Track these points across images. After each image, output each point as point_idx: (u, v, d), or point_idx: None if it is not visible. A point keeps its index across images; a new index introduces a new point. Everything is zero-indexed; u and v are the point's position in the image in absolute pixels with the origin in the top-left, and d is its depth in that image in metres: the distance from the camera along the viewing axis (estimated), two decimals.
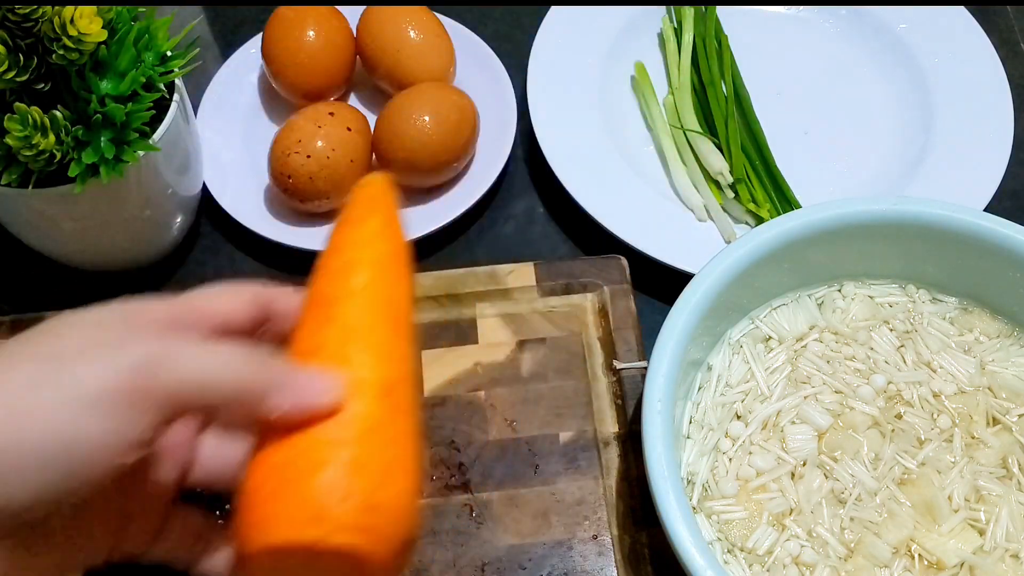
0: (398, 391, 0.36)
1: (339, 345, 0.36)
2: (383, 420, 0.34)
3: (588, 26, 0.69)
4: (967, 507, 0.46)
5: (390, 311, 0.38)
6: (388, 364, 0.36)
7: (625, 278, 0.57)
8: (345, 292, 0.37)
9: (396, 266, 0.40)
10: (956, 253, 0.50)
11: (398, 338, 0.37)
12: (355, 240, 0.40)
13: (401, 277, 0.40)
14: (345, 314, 0.36)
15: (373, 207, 0.42)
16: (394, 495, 0.33)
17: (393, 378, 0.36)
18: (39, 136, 0.47)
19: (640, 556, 0.49)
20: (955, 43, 0.68)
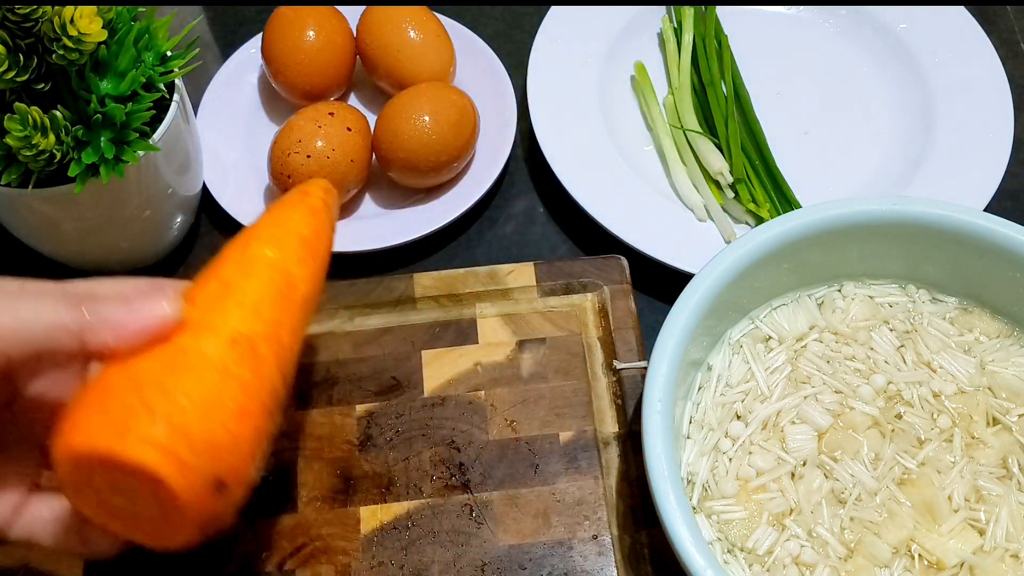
0: (255, 346, 0.37)
1: (212, 296, 0.38)
2: (223, 363, 0.35)
3: (588, 26, 0.69)
4: (967, 507, 0.46)
5: (279, 283, 0.40)
6: (251, 320, 0.37)
7: (625, 278, 0.57)
8: (238, 256, 0.40)
9: (304, 253, 0.42)
10: (956, 253, 0.50)
11: (278, 307, 0.39)
12: (271, 221, 0.43)
13: (306, 264, 0.42)
14: (229, 273, 0.39)
15: (305, 203, 0.44)
16: (211, 430, 0.34)
17: (252, 333, 0.37)
18: (39, 136, 0.47)
19: (640, 556, 0.49)
20: (955, 43, 0.68)
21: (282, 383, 0.39)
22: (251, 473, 0.37)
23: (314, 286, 0.42)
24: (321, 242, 0.44)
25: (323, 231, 0.45)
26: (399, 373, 0.54)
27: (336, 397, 0.53)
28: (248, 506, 0.50)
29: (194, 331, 0.36)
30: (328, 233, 0.45)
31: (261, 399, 0.37)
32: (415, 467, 0.51)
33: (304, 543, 0.49)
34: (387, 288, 0.56)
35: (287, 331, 0.39)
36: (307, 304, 0.42)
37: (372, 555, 0.49)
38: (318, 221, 0.44)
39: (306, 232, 0.43)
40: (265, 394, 0.37)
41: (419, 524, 0.49)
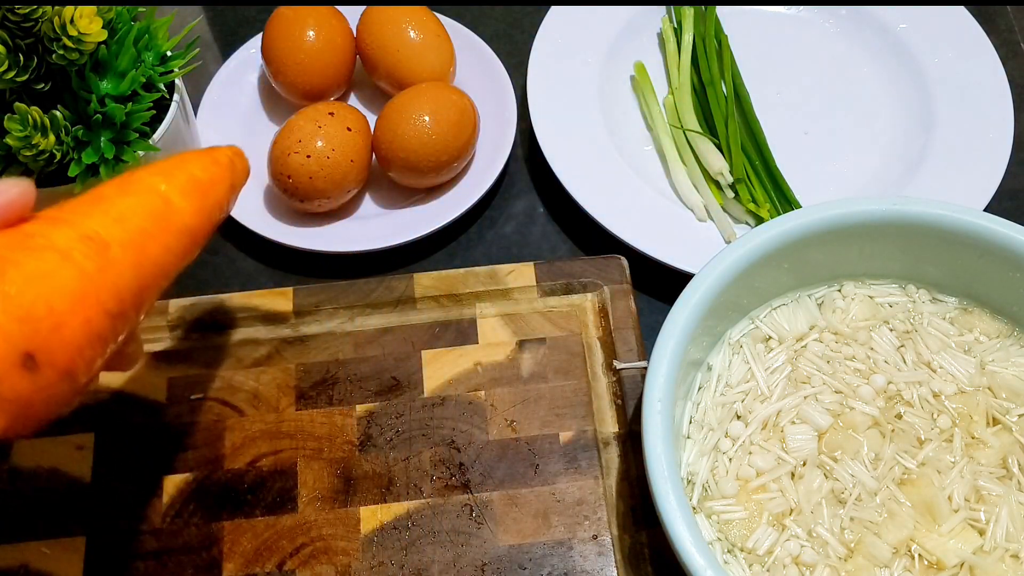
0: (108, 247, 0.37)
1: (82, 202, 0.38)
2: (66, 249, 0.35)
3: (588, 26, 0.69)
4: (967, 507, 0.46)
5: (154, 204, 0.40)
6: (111, 225, 0.38)
7: (625, 278, 0.57)
8: (121, 178, 0.40)
9: (191, 188, 0.42)
10: (956, 253, 0.50)
11: (146, 223, 0.39)
12: (167, 159, 0.43)
13: (190, 198, 0.42)
14: (107, 189, 0.39)
15: (208, 154, 0.45)
16: (31, 300, 0.33)
17: (108, 236, 0.37)
18: (39, 136, 0.47)
19: (640, 556, 0.49)
20: (955, 43, 0.68)
21: (133, 293, 0.38)
22: (74, 367, 0.35)
23: (199, 223, 0.42)
24: (215, 188, 0.44)
25: (219, 180, 0.44)
26: (399, 373, 0.54)
27: (336, 397, 0.53)
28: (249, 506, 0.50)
29: (50, 222, 0.36)
30: (224, 185, 0.44)
31: (100, 295, 0.36)
32: (415, 467, 0.51)
33: (304, 543, 0.49)
34: (387, 288, 0.56)
35: (157, 247, 0.39)
36: (187, 234, 0.41)
37: (372, 555, 0.49)
38: (217, 169, 0.44)
39: (200, 174, 0.43)
40: (106, 292, 0.36)
41: (419, 524, 0.49)
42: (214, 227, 0.44)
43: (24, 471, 0.51)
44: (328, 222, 0.61)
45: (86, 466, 0.51)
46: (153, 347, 0.55)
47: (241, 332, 0.55)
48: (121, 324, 0.38)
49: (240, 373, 0.54)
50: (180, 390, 0.53)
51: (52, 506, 0.50)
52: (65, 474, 0.51)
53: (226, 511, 0.50)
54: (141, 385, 0.53)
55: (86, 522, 0.49)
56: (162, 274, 0.40)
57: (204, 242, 0.43)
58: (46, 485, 0.50)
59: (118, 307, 0.37)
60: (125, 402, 0.53)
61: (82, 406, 0.52)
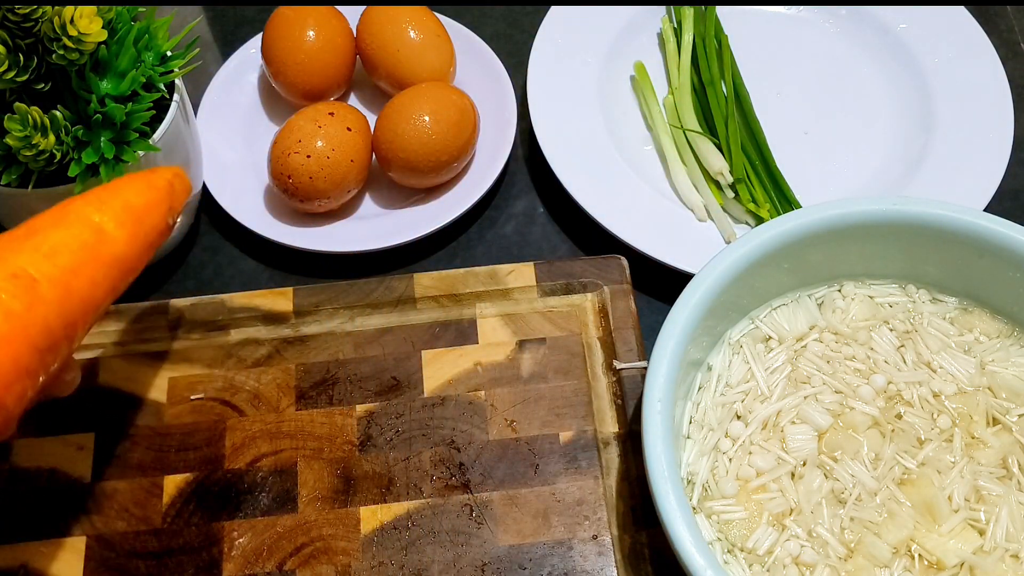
0: (36, 285, 0.38)
1: (13, 237, 0.39)
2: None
3: (588, 26, 0.69)
4: (967, 507, 0.46)
5: (86, 236, 0.40)
6: (40, 261, 0.38)
7: (625, 278, 0.57)
8: (55, 210, 0.41)
9: (126, 217, 0.42)
10: (956, 253, 0.50)
11: (77, 257, 0.40)
12: (102, 187, 0.44)
13: (125, 227, 0.42)
14: (40, 222, 0.40)
15: (144, 178, 0.45)
16: None
17: (38, 273, 0.38)
18: (39, 136, 0.47)
19: (640, 556, 0.49)
20: (955, 43, 0.68)
21: (63, 326, 0.39)
22: (3, 400, 0.36)
23: (133, 250, 0.43)
24: (151, 213, 0.44)
25: (155, 204, 0.45)
26: (399, 373, 0.54)
27: (336, 397, 0.53)
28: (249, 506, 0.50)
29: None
30: (161, 208, 0.45)
31: (28, 333, 0.37)
32: (415, 467, 0.51)
33: (304, 543, 0.49)
34: (387, 288, 0.56)
35: (85, 281, 0.40)
36: (121, 263, 0.42)
37: (372, 555, 0.49)
38: (153, 194, 0.45)
39: (135, 200, 0.43)
40: (35, 330, 0.37)
41: (419, 524, 0.49)
42: (153, 250, 0.45)
43: (24, 471, 0.51)
44: (328, 222, 0.61)
45: (86, 466, 0.51)
46: (153, 347, 0.55)
47: (241, 332, 0.55)
48: (51, 357, 0.39)
49: (240, 373, 0.54)
50: (180, 390, 0.53)
51: (52, 506, 0.50)
52: (65, 474, 0.51)
53: (226, 511, 0.50)
54: (141, 385, 0.53)
55: (86, 522, 0.49)
56: (93, 304, 0.41)
57: (141, 267, 0.44)
58: (46, 485, 0.50)
59: (47, 342, 0.38)
60: (125, 402, 0.53)
61: (82, 407, 0.52)
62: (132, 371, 0.54)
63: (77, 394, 0.52)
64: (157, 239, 0.45)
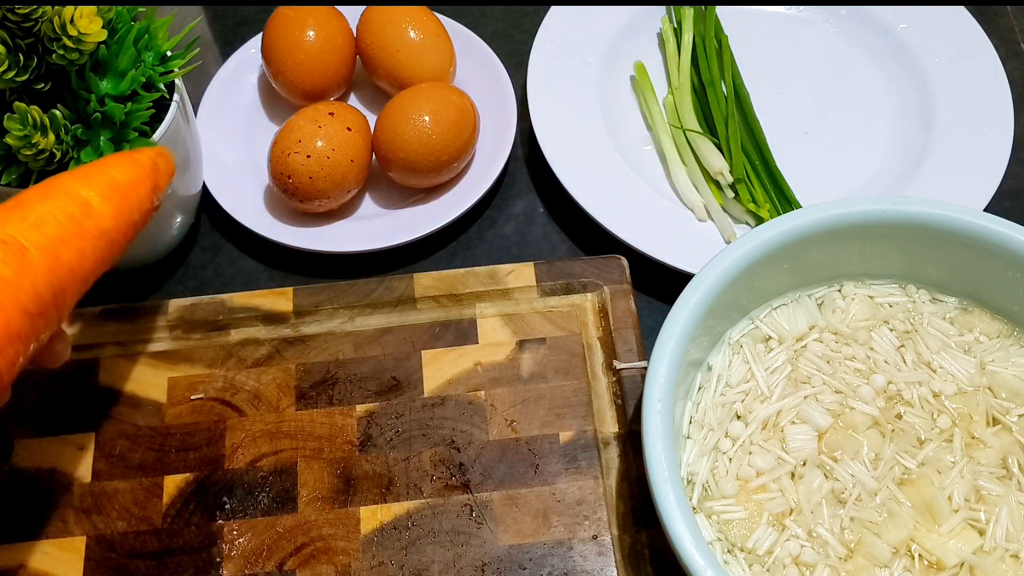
0: (25, 251, 0.39)
1: (2, 208, 0.40)
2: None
3: (588, 26, 0.69)
4: (967, 507, 0.46)
5: (72, 208, 0.41)
6: (28, 230, 0.39)
7: (625, 278, 0.57)
8: (43, 184, 0.42)
9: (111, 191, 0.43)
10: (956, 253, 0.50)
11: (65, 227, 0.41)
12: (89, 164, 0.45)
13: (110, 200, 0.43)
14: (28, 195, 0.41)
15: (129, 156, 0.46)
16: None
17: (25, 240, 0.39)
18: (39, 136, 0.47)
19: (640, 556, 0.49)
20: (955, 43, 0.68)
21: (52, 293, 0.40)
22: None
23: (119, 225, 0.44)
24: (136, 189, 0.45)
25: (140, 181, 0.45)
26: (399, 373, 0.54)
27: (336, 397, 0.53)
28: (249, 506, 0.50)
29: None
30: (146, 185, 0.46)
31: (19, 298, 0.38)
32: (415, 467, 0.51)
33: (304, 543, 0.49)
34: (387, 288, 0.56)
35: (72, 251, 0.41)
36: (107, 237, 0.43)
37: (372, 555, 0.49)
38: (138, 171, 0.45)
39: (120, 177, 0.44)
40: (24, 294, 0.38)
41: (419, 524, 0.49)
42: (137, 227, 0.45)
43: (24, 471, 0.51)
44: (328, 222, 0.61)
45: (86, 466, 0.51)
46: (153, 347, 0.55)
47: (242, 332, 0.55)
48: (42, 323, 0.39)
49: (241, 373, 0.54)
50: (180, 390, 0.53)
51: (52, 506, 0.50)
52: (65, 474, 0.51)
53: (226, 511, 0.50)
54: (141, 385, 0.53)
55: (86, 522, 0.49)
56: (82, 275, 0.42)
57: (126, 243, 0.45)
58: (46, 485, 0.50)
59: (38, 307, 0.39)
60: (125, 402, 0.53)
61: (82, 407, 0.52)
62: (132, 371, 0.54)
63: (77, 394, 0.53)
64: (142, 216, 0.46)
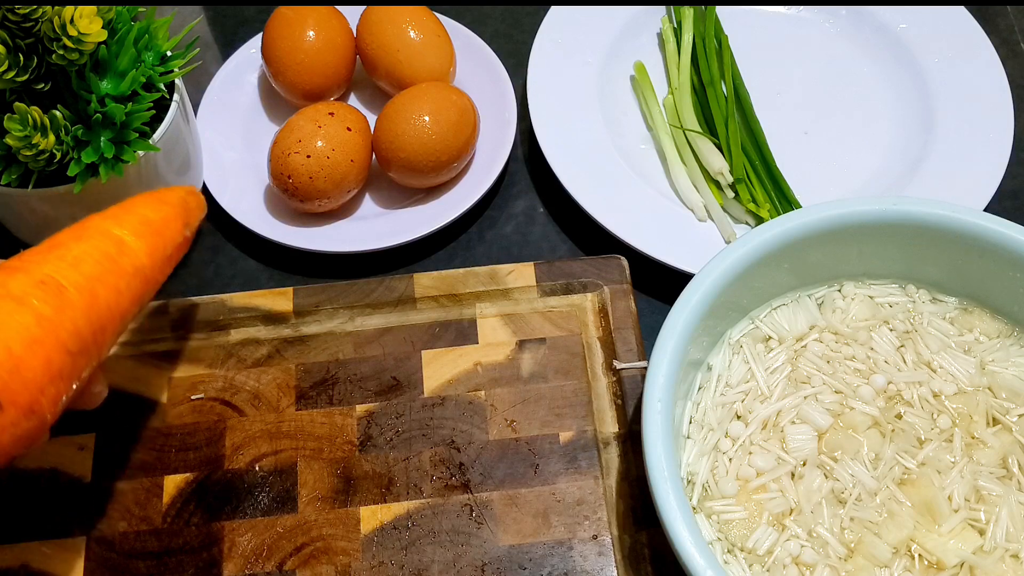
0: (63, 290, 0.39)
1: (39, 251, 0.41)
2: (23, 295, 0.38)
3: (588, 26, 0.69)
4: (967, 507, 0.46)
5: (107, 247, 0.42)
6: (66, 269, 0.40)
7: (625, 278, 0.57)
8: (76, 226, 0.43)
9: (144, 229, 0.44)
10: (956, 253, 0.50)
11: (100, 266, 0.41)
12: (118, 205, 0.45)
13: (144, 238, 0.44)
14: (62, 236, 0.42)
15: (157, 196, 0.46)
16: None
17: (63, 279, 0.39)
18: (39, 136, 0.47)
19: (640, 556, 0.49)
20: (955, 43, 0.68)
21: (92, 331, 0.40)
22: (37, 404, 0.37)
23: (154, 262, 0.44)
24: (168, 227, 0.46)
25: (171, 219, 0.46)
26: (399, 373, 0.54)
27: (336, 397, 0.53)
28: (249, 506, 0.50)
29: (6, 271, 0.39)
30: (177, 223, 0.46)
31: (59, 335, 0.38)
32: (415, 467, 0.51)
33: (304, 543, 0.49)
34: (387, 288, 0.56)
35: (109, 289, 0.41)
36: (142, 274, 0.43)
37: (372, 555, 0.49)
38: (168, 209, 0.46)
39: (151, 215, 0.45)
40: (65, 332, 0.38)
41: (419, 524, 0.49)
42: (171, 263, 0.46)
43: (24, 471, 0.51)
44: (328, 222, 0.61)
45: (86, 466, 0.51)
46: (154, 347, 0.55)
47: (242, 332, 0.55)
48: (83, 361, 0.40)
49: (241, 373, 0.54)
50: (180, 390, 0.53)
51: (52, 506, 0.50)
52: (65, 474, 0.51)
53: (226, 511, 0.50)
54: (142, 385, 0.53)
55: (86, 522, 0.49)
56: (119, 312, 0.42)
57: (162, 279, 0.45)
58: (46, 485, 0.51)
59: (78, 345, 0.39)
60: (125, 402, 0.53)
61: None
62: (133, 371, 0.54)
63: None
64: (176, 252, 0.46)
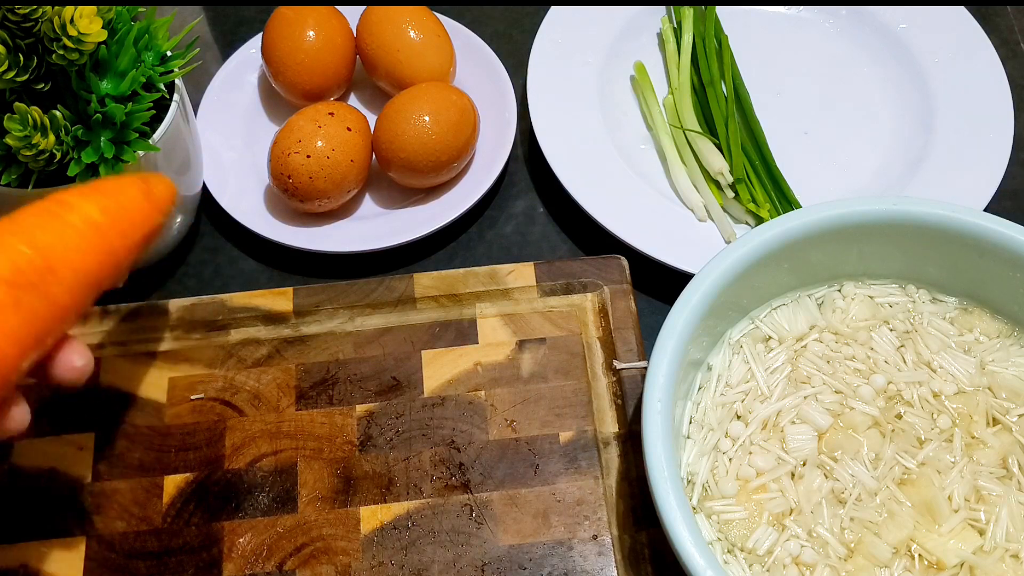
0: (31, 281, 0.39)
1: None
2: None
3: (588, 26, 0.69)
4: (967, 507, 0.46)
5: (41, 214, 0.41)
6: (29, 253, 0.39)
7: (625, 278, 0.57)
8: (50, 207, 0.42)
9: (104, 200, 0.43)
10: (956, 253, 0.50)
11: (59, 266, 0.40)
12: (91, 188, 0.44)
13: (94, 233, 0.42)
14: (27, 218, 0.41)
15: (135, 188, 0.45)
16: None
17: (26, 265, 0.39)
18: (39, 136, 0.47)
19: (640, 556, 0.49)
20: (955, 43, 0.68)
21: (38, 274, 0.39)
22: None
23: (110, 220, 0.43)
24: (123, 192, 0.44)
25: (127, 185, 0.45)
26: (399, 373, 0.54)
27: (336, 397, 0.53)
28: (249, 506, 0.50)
29: None
30: (133, 189, 0.45)
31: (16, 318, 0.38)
32: (415, 467, 0.51)
33: (304, 543, 0.49)
34: (387, 288, 0.56)
35: (51, 235, 0.40)
36: (96, 229, 0.42)
37: (372, 555, 0.49)
38: (123, 179, 0.45)
39: (102, 184, 0.44)
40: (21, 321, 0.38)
41: (419, 524, 0.49)
42: (136, 232, 0.44)
43: (24, 471, 0.51)
44: (328, 222, 0.61)
45: (86, 466, 0.51)
46: (153, 347, 0.55)
47: (242, 332, 0.55)
48: (34, 307, 0.39)
49: (241, 373, 0.54)
50: (180, 390, 0.53)
51: (52, 506, 0.50)
52: (65, 474, 0.51)
53: (226, 511, 0.50)
54: (141, 385, 0.53)
55: (86, 522, 0.49)
56: (72, 263, 0.41)
57: (125, 244, 0.44)
58: (46, 485, 0.50)
59: (21, 279, 0.39)
60: (125, 402, 0.53)
61: (82, 407, 0.52)
62: (132, 371, 0.54)
63: (77, 394, 0.53)
64: (142, 221, 0.45)
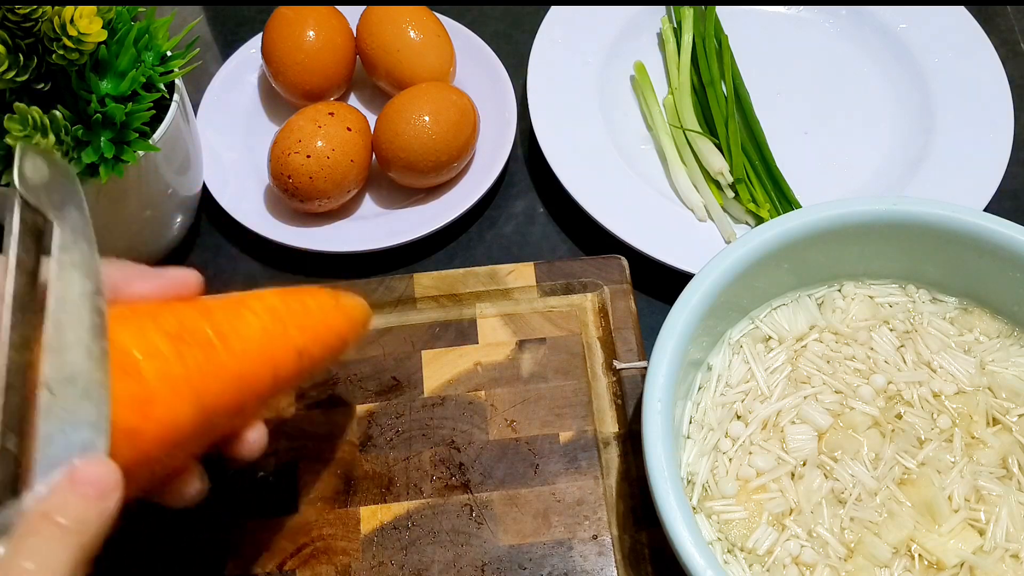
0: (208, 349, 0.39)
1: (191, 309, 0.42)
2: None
3: (588, 26, 0.69)
4: (967, 507, 0.46)
5: (264, 346, 0.42)
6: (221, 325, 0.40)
7: (625, 278, 0.57)
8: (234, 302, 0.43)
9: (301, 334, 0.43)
10: (956, 253, 0.50)
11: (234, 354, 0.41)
12: (279, 289, 0.45)
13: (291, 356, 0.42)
14: (205, 299, 0.43)
15: (323, 293, 0.45)
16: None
17: (192, 324, 0.40)
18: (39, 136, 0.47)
19: (640, 556, 0.49)
20: (955, 43, 0.68)
21: (227, 393, 0.39)
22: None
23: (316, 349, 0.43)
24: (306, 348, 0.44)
25: (317, 347, 0.44)
26: (399, 373, 0.54)
27: (336, 397, 0.53)
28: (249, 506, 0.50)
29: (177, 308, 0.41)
30: (323, 354, 0.45)
31: (186, 388, 0.37)
32: (415, 467, 0.51)
33: (305, 543, 0.49)
34: (387, 288, 0.56)
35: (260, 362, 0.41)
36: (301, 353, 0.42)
37: (372, 555, 0.49)
38: (326, 338, 0.45)
39: (310, 334, 0.44)
40: (203, 385, 0.38)
41: (419, 524, 0.49)
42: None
43: None
44: (328, 222, 0.61)
45: None
46: None
47: None
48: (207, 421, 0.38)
49: None
50: None
51: None
52: None
53: (226, 511, 0.50)
54: None
55: None
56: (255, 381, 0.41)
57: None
58: None
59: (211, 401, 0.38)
60: None
61: None
62: None
63: None
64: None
